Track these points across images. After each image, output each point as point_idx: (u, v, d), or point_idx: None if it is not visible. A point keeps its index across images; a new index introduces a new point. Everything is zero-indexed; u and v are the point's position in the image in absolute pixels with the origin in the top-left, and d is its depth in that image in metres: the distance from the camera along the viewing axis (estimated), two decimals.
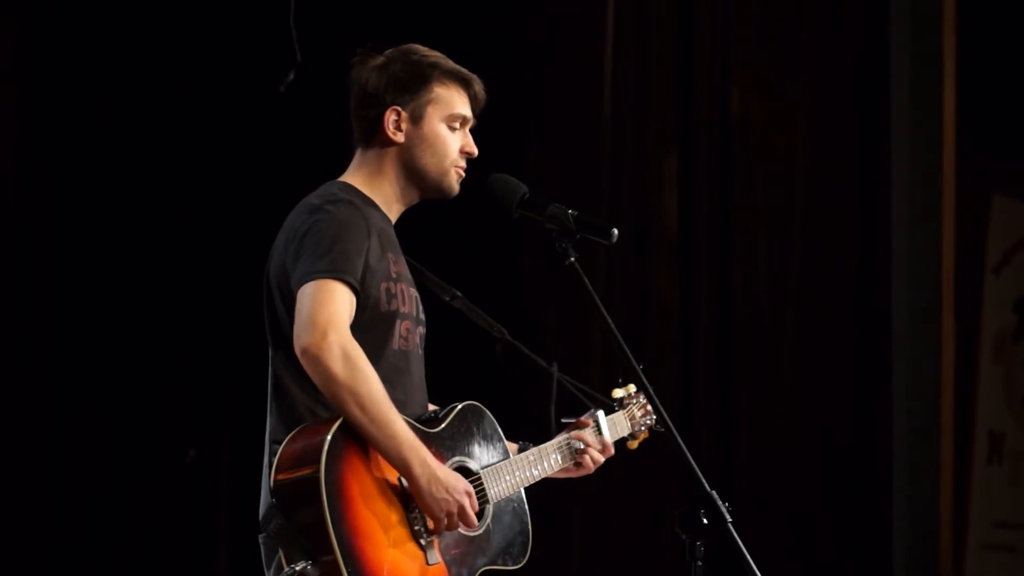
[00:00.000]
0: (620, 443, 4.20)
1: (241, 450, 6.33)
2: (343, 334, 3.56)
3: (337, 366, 3.53)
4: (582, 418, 4.11)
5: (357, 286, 3.65)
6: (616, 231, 3.67)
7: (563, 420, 4.10)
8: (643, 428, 4.27)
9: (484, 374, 5.99)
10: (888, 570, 6.85)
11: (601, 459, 4.08)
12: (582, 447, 4.03)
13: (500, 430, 3.90)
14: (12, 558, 6.16)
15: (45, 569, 6.26)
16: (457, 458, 3.78)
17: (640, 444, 4.29)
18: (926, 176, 6.96)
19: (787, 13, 7.09)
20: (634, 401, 4.25)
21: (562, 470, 4.03)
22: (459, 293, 4.19)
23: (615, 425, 4.17)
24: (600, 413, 4.14)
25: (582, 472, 4.07)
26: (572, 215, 3.68)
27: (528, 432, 4.01)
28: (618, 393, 4.25)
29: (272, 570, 3.63)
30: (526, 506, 3.90)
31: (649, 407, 4.26)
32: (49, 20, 6.32)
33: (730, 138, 7.03)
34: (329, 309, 3.58)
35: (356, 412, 3.55)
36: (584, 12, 7.02)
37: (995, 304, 7.23)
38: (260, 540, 3.66)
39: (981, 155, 7.11)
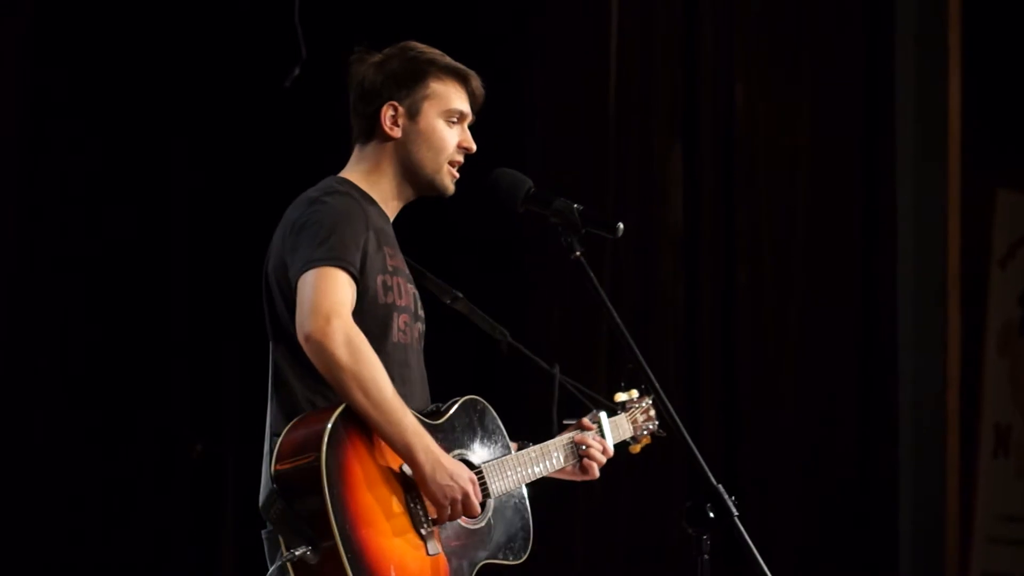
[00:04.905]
0: (622, 447, 4.20)
1: (246, 447, 6.32)
2: (346, 320, 3.56)
3: (341, 352, 3.53)
4: (584, 419, 4.11)
5: (357, 274, 3.65)
6: (621, 225, 3.67)
7: (565, 422, 4.10)
8: (645, 432, 4.26)
9: (485, 374, 5.99)
10: (894, 563, 6.85)
11: (603, 460, 4.08)
12: (585, 447, 4.03)
13: (502, 425, 3.90)
14: (12, 557, 6.15)
15: (47, 568, 6.26)
16: (458, 451, 3.78)
17: (642, 449, 4.30)
18: (931, 170, 6.96)
19: (791, 8, 7.08)
20: (637, 405, 4.26)
21: (565, 472, 4.03)
22: (460, 294, 4.18)
23: (617, 427, 4.17)
24: (603, 414, 4.14)
25: (586, 477, 4.06)
26: (578, 209, 3.68)
27: (529, 433, 4.00)
28: (621, 397, 4.25)
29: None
30: (527, 502, 3.90)
31: (652, 412, 4.28)
32: (52, 17, 6.32)
33: (734, 134, 7.02)
34: (331, 296, 3.58)
35: (360, 398, 3.54)
36: (587, 7, 7.01)
37: (1001, 297, 7.23)
38: (263, 536, 3.67)
39: (986, 149, 7.10)
